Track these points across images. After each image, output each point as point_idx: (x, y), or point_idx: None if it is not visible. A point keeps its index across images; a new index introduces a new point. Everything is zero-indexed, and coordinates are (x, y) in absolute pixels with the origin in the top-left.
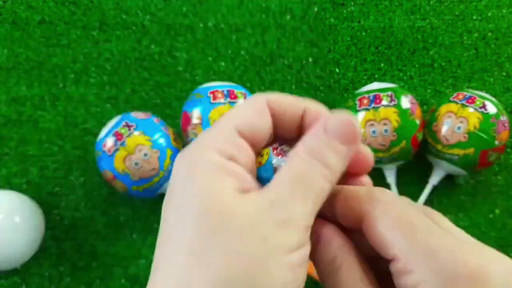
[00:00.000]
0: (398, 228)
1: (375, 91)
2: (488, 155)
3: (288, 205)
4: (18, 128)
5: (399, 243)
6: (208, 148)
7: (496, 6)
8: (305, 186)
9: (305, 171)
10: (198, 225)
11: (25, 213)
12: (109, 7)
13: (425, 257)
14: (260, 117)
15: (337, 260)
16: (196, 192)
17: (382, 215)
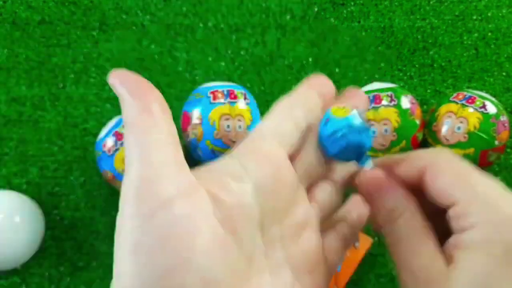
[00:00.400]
0: (460, 179)
1: (375, 91)
2: (488, 155)
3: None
4: (18, 128)
5: (460, 191)
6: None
7: (496, 6)
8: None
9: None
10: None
11: (25, 213)
12: (109, 7)
13: (484, 203)
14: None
15: (397, 209)
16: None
17: (445, 168)
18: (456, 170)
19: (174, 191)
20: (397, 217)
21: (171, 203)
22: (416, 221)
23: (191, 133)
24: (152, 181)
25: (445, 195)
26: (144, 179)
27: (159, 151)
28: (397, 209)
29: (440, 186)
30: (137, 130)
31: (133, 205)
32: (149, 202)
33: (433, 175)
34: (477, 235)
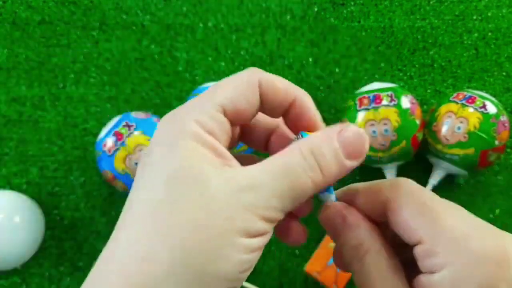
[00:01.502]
0: (423, 213)
1: (375, 91)
2: (488, 155)
3: (265, 195)
4: (18, 128)
5: (425, 227)
6: (190, 119)
7: (496, 6)
8: (288, 182)
9: (297, 166)
10: (168, 187)
11: (25, 213)
12: (109, 7)
13: (450, 240)
14: (248, 96)
15: (364, 245)
16: (174, 159)
17: (407, 202)
18: (417, 205)
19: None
20: (363, 254)
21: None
22: (383, 259)
23: None
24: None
25: (409, 232)
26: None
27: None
28: (363, 245)
29: (403, 224)
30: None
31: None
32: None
33: (394, 212)
34: (446, 277)
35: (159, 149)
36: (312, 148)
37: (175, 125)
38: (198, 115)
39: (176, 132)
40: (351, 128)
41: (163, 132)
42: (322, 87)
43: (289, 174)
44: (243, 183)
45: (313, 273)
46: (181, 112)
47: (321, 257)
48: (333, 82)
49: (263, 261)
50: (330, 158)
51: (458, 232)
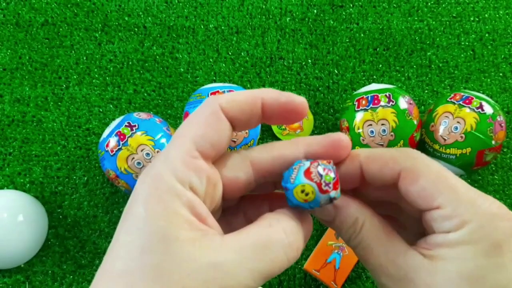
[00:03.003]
0: (441, 181)
1: (373, 92)
2: (484, 155)
3: (238, 275)
4: (21, 128)
5: (444, 193)
6: (168, 174)
7: (493, 8)
8: (265, 262)
9: (276, 245)
10: (142, 261)
11: (29, 212)
12: (111, 9)
13: (468, 203)
14: (217, 126)
15: (359, 220)
16: (147, 226)
17: (424, 171)
18: (434, 174)
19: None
20: (359, 228)
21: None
22: (380, 225)
23: None
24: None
25: (426, 199)
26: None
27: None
28: (358, 220)
29: (420, 191)
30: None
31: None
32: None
33: (411, 180)
34: (465, 234)
35: (139, 210)
36: (292, 229)
37: (153, 182)
38: (173, 166)
39: (155, 191)
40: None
41: (142, 191)
42: (321, 88)
43: (269, 253)
44: (218, 260)
45: (312, 271)
46: (157, 166)
47: (320, 255)
48: (332, 83)
49: None
50: (303, 236)
51: (473, 198)
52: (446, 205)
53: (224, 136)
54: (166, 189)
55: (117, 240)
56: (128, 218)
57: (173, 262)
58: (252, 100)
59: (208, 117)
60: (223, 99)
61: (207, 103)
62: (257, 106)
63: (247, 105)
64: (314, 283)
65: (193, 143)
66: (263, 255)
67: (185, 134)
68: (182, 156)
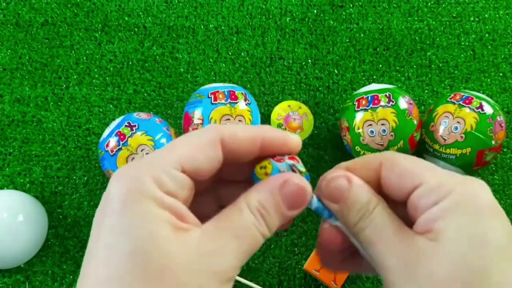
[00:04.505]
0: (420, 162)
1: (373, 92)
2: (484, 155)
3: (227, 259)
4: (21, 128)
5: (424, 170)
6: (148, 178)
7: (493, 8)
8: (246, 242)
9: (251, 227)
10: (133, 263)
11: (29, 212)
12: (111, 9)
13: (449, 175)
14: (208, 153)
15: (372, 201)
16: (133, 226)
17: (401, 156)
18: (412, 159)
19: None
20: (373, 207)
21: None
22: (390, 212)
23: None
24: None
25: (409, 179)
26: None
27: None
28: (371, 201)
29: (402, 173)
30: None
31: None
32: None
33: (391, 166)
34: (455, 199)
35: (116, 211)
36: (259, 206)
37: (132, 183)
38: (156, 173)
39: (134, 192)
40: (294, 181)
41: (120, 191)
42: (321, 88)
43: (247, 235)
44: (206, 250)
45: (312, 271)
46: (137, 169)
47: None
48: (332, 83)
49: (263, 259)
50: (274, 214)
51: (450, 173)
52: (429, 179)
53: (212, 167)
54: (146, 191)
55: (98, 245)
56: (107, 222)
57: (162, 259)
58: (252, 139)
59: (204, 144)
60: (226, 131)
61: (209, 130)
62: (257, 145)
63: (247, 142)
64: (314, 283)
65: (179, 159)
66: (242, 238)
67: (174, 149)
68: (164, 165)
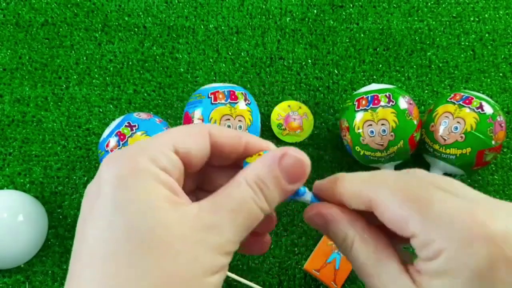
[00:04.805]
0: (409, 206)
1: (373, 92)
2: (484, 155)
3: (224, 233)
4: (21, 128)
5: (414, 220)
6: (143, 156)
7: (493, 8)
8: (243, 216)
9: (248, 200)
10: (128, 237)
11: (29, 212)
12: (111, 9)
13: (439, 226)
14: (199, 141)
15: (348, 237)
16: (130, 201)
17: (391, 198)
18: (401, 198)
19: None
20: (350, 245)
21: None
22: (371, 243)
23: None
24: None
25: (400, 229)
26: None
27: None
28: (348, 237)
29: (392, 222)
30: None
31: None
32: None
33: (380, 212)
34: (444, 264)
35: (111, 188)
36: (257, 180)
37: (128, 163)
38: (151, 152)
39: (130, 170)
40: (292, 153)
41: (115, 169)
42: (321, 88)
43: (244, 209)
44: (203, 223)
45: (312, 271)
46: (130, 150)
47: (320, 255)
48: (332, 83)
49: (263, 259)
50: (273, 187)
51: (448, 216)
52: (418, 233)
53: (201, 156)
54: (142, 168)
55: (93, 224)
56: (100, 202)
57: (159, 230)
58: (237, 137)
59: (194, 131)
60: (214, 126)
61: (198, 124)
62: (241, 144)
63: (232, 139)
64: (314, 283)
65: (172, 141)
66: (238, 212)
67: (167, 133)
68: (158, 145)
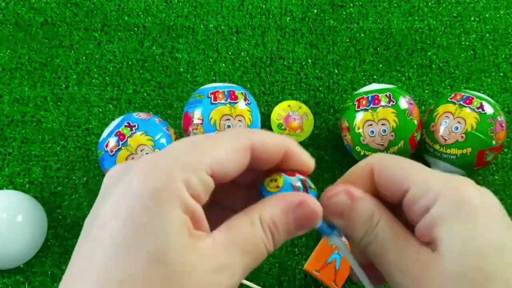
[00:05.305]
0: (407, 166)
1: (374, 91)
2: (485, 155)
3: (235, 274)
4: (21, 128)
5: (411, 176)
6: (179, 177)
7: (494, 7)
8: (253, 257)
9: (259, 243)
10: (147, 269)
11: (28, 213)
12: (111, 8)
13: (435, 179)
14: (239, 160)
15: (375, 215)
16: (152, 227)
17: (391, 163)
18: (399, 162)
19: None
20: (376, 223)
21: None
22: (395, 222)
23: (192, 133)
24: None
25: (396, 185)
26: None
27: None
28: (374, 214)
29: (391, 177)
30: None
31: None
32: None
33: (380, 170)
34: (445, 204)
35: (137, 205)
36: (270, 224)
37: (162, 179)
38: (187, 173)
39: (161, 190)
40: (310, 205)
41: (149, 183)
42: (321, 88)
43: (255, 251)
44: (217, 263)
45: (312, 271)
46: (169, 165)
47: (320, 255)
48: (332, 83)
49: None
50: (282, 232)
51: (440, 174)
52: (415, 182)
53: (238, 169)
54: (175, 191)
55: (106, 233)
56: (122, 212)
57: (179, 267)
58: (280, 148)
59: (238, 150)
60: (257, 137)
61: (241, 134)
62: (281, 154)
63: (274, 150)
64: (314, 284)
65: (211, 163)
66: (250, 254)
67: (207, 152)
68: (196, 166)
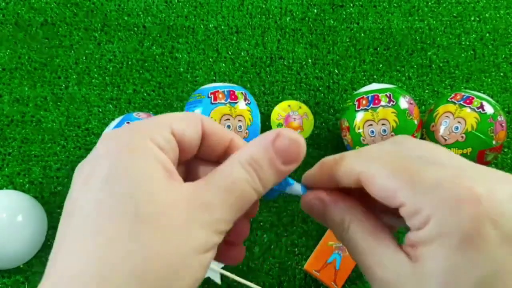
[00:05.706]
0: (396, 176)
1: (374, 91)
2: (485, 155)
3: (217, 211)
4: (21, 128)
5: (401, 189)
6: (141, 134)
7: (494, 7)
8: (236, 196)
9: (241, 181)
10: (124, 209)
11: (28, 213)
12: (111, 8)
13: (427, 193)
14: (192, 125)
15: (345, 220)
16: (127, 172)
17: (379, 171)
18: (388, 169)
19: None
20: (347, 227)
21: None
22: (368, 225)
23: None
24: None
25: (388, 200)
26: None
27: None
28: (345, 219)
29: (380, 193)
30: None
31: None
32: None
33: (369, 185)
34: (433, 230)
35: (108, 160)
36: (251, 161)
37: (125, 139)
38: (151, 132)
39: (127, 145)
40: (286, 134)
41: (113, 144)
42: (321, 87)
43: (237, 189)
44: (197, 200)
45: (312, 271)
46: (130, 128)
47: (320, 255)
48: (332, 82)
49: (263, 260)
50: (267, 168)
51: (435, 184)
52: (407, 202)
53: (195, 138)
54: (140, 144)
55: (88, 193)
56: (97, 174)
57: (156, 205)
58: (226, 135)
59: (189, 117)
60: (204, 117)
61: (192, 113)
62: (227, 140)
63: (221, 134)
64: (314, 284)
65: (170, 123)
66: (231, 191)
67: (164, 116)
68: (157, 126)
